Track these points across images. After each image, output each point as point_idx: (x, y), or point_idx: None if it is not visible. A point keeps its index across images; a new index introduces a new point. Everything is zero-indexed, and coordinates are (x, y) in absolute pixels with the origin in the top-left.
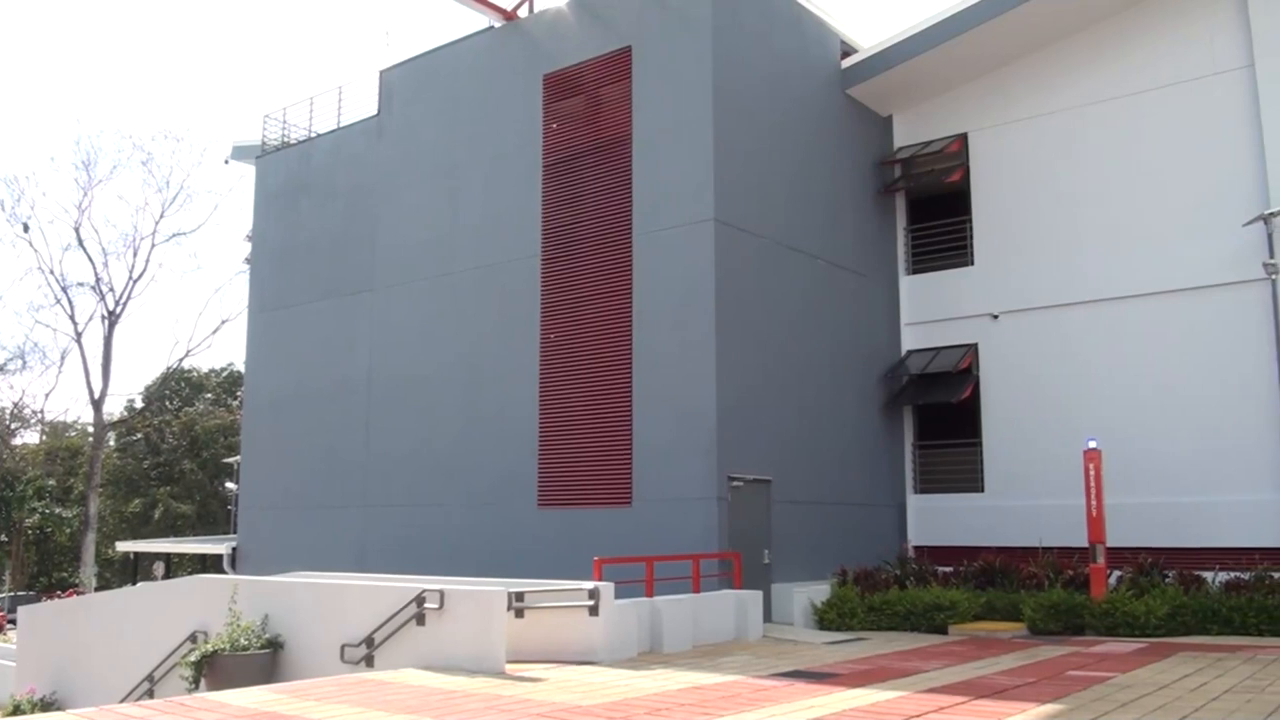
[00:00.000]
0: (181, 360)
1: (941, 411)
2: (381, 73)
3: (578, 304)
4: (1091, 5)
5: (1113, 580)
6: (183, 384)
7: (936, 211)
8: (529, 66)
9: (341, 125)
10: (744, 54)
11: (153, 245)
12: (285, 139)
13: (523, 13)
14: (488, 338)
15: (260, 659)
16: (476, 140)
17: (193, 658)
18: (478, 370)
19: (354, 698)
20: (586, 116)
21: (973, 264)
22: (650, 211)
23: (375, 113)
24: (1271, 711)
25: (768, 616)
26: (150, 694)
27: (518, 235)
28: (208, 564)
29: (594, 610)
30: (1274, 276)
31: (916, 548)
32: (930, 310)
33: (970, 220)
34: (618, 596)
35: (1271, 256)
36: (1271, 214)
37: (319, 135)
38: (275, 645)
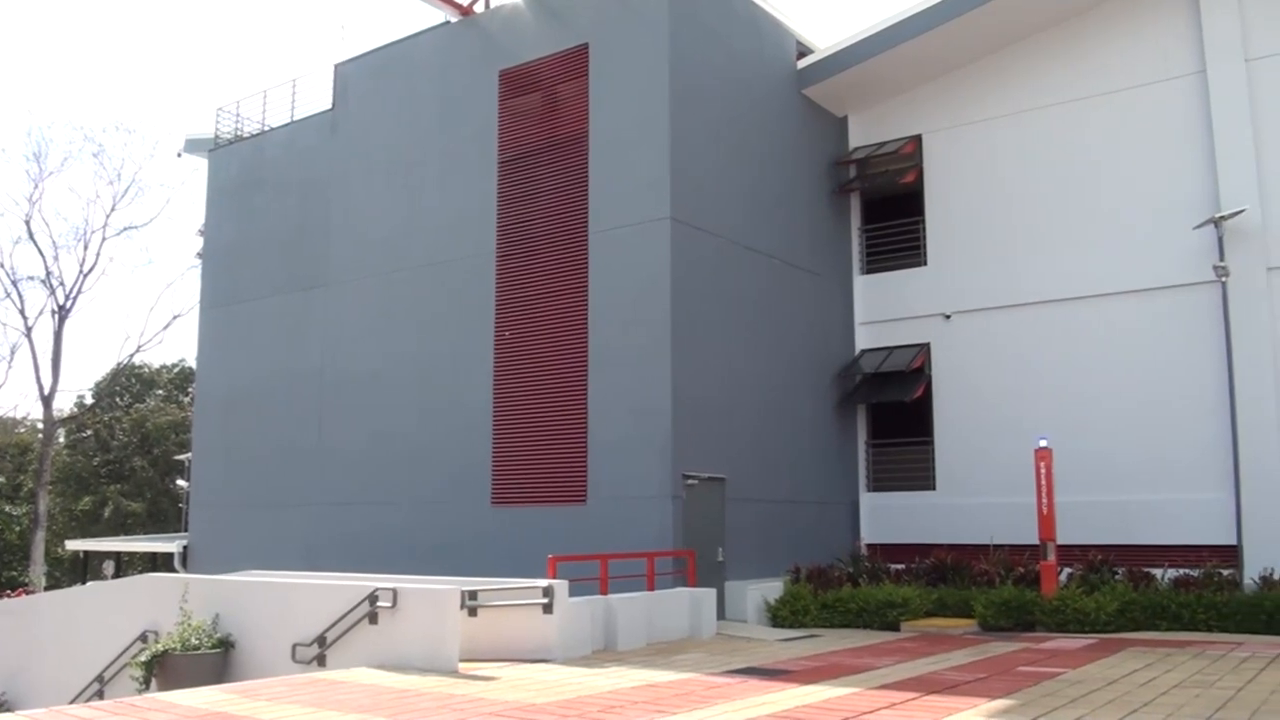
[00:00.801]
0: (132, 356)
1: (894, 410)
2: (336, 66)
3: (533, 301)
4: (1045, 10)
5: (1063, 577)
6: (133, 380)
7: (891, 212)
8: (485, 62)
9: (295, 119)
10: (701, 53)
11: (104, 239)
12: (238, 132)
13: (479, 8)
14: (442, 334)
15: (211, 659)
16: (431, 136)
17: (143, 658)
18: (432, 367)
19: (306, 697)
20: (543, 113)
21: (926, 264)
22: (606, 209)
23: (330, 107)
24: (1220, 706)
25: (722, 614)
26: (100, 694)
27: (473, 232)
28: (158, 563)
29: (548, 608)
30: (1224, 279)
31: (869, 545)
32: (884, 310)
33: (924, 221)
34: (572, 594)
35: (1221, 259)
36: (1222, 218)
37: (273, 129)
38: (226, 645)
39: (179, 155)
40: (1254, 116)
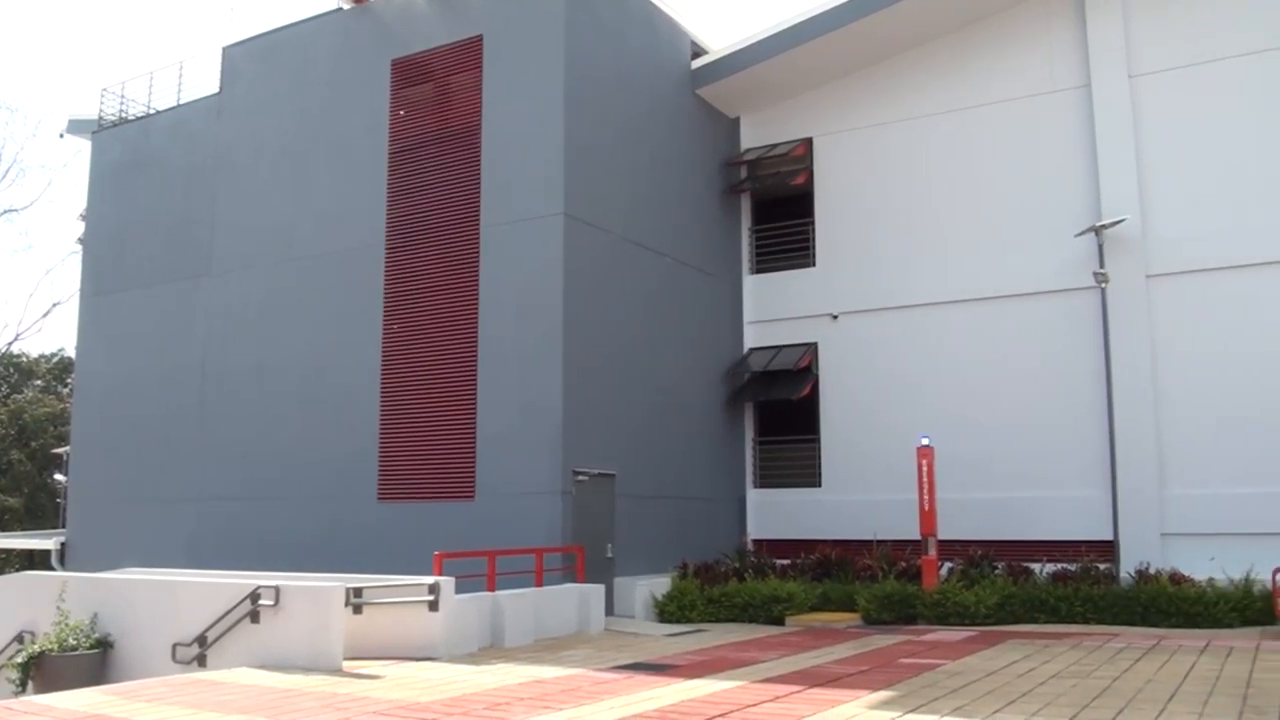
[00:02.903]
0: (10, 344)
1: (782, 408)
2: (224, 49)
3: (423, 295)
4: (934, 21)
5: (944, 571)
6: (11, 369)
7: (781, 213)
8: (377, 50)
9: (182, 102)
10: (596, 49)
11: None
12: (123, 114)
13: None
14: (329, 327)
15: (90, 660)
16: (321, 123)
17: (19, 659)
18: (318, 360)
19: (186, 699)
20: (435, 104)
21: (814, 265)
22: (499, 203)
23: (217, 90)
24: (1096, 696)
25: (610, 610)
26: None
27: (362, 223)
28: (35, 560)
29: (434, 605)
30: (1103, 285)
31: (756, 541)
32: (772, 309)
33: (813, 223)
34: (459, 591)
35: (1101, 266)
36: (1102, 226)
37: (158, 112)
38: (105, 645)
39: (61, 136)
40: (1136, 130)
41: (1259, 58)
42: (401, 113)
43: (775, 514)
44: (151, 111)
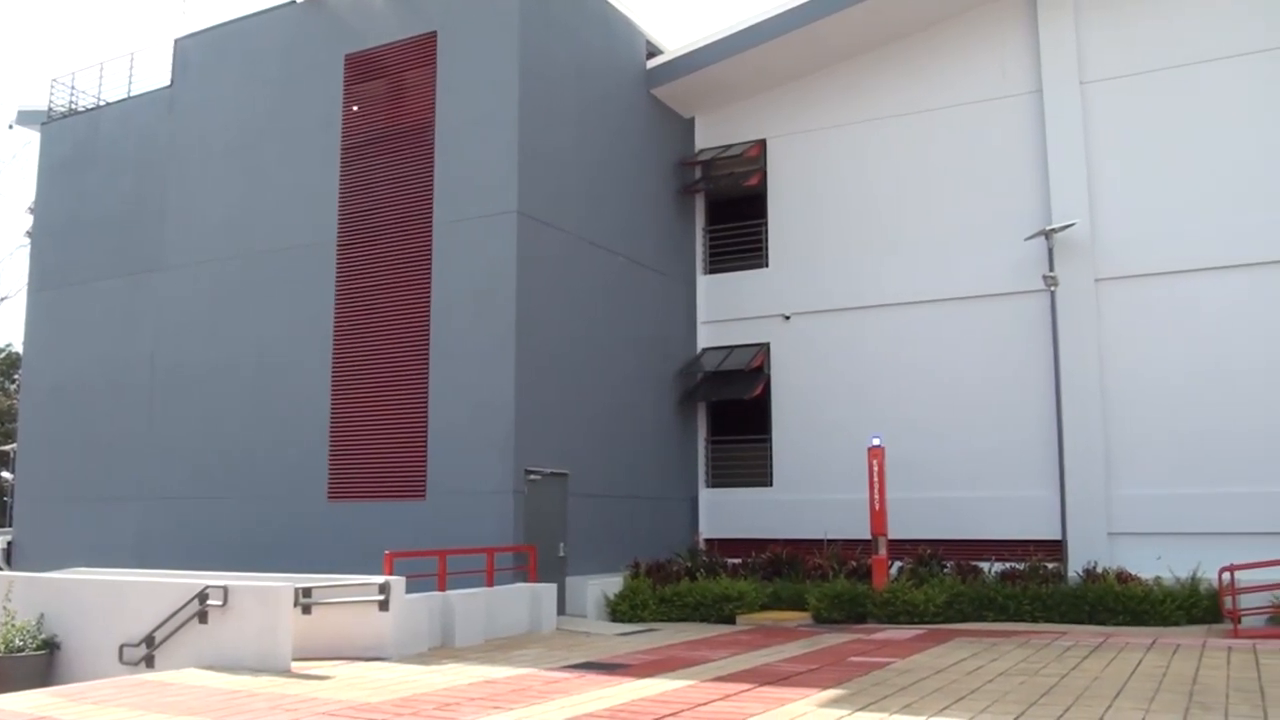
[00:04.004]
0: None
1: (734, 408)
2: (176, 41)
3: (375, 292)
4: (888, 25)
5: (894, 570)
6: None
7: (734, 214)
8: (331, 45)
9: (133, 94)
10: (551, 47)
11: None
12: (73, 106)
13: None
14: (279, 324)
15: (36, 661)
16: (273, 118)
17: None
18: (268, 357)
19: (133, 700)
20: (389, 100)
21: (767, 266)
22: (452, 201)
23: (168, 83)
24: (1044, 693)
25: (562, 609)
26: None
27: (313, 219)
28: None
29: (384, 605)
30: (1053, 288)
31: (708, 540)
32: (726, 309)
33: (766, 224)
34: (409, 591)
35: (1051, 269)
36: (1052, 230)
37: (109, 104)
38: (52, 646)
39: (10, 127)
40: (1086, 136)
41: (1207, 67)
42: (354, 108)
43: (727, 513)
44: (102, 103)
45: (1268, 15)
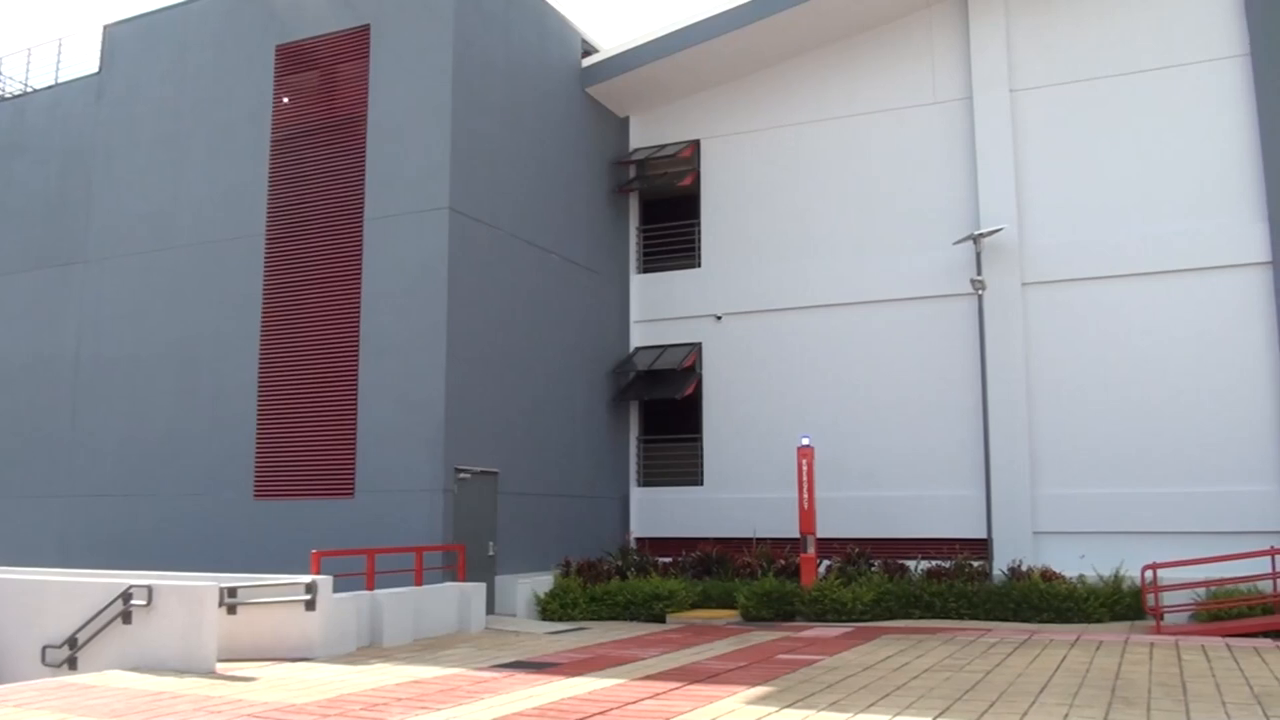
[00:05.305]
0: None
1: (666, 407)
2: (106, 27)
3: (303, 287)
4: (822, 29)
5: (822, 569)
6: None
7: (668, 213)
8: (262, 35)
9: (60, 81)
10: (485, 43)
11: None
12: (0, 92)
13: None
14: (206, 318)
15: None
16: (203, 108)
17: None
18: (194, 352)
19: (56, 703)
20: (320, 93)
21: (700, 266)
22: (383, 196)
23: (97, 70)
24: (969, 688)
25: (491, 608)
26: None
27: (242, 211)
28: None
29: (311, 605)
30: (980, 292)
31: (639, 539)
32: (658, 309)
33: (699, 224)
34: (337, 590)
35: (979, 273)
36: (980, 235)
37: (36, 91)
38: None
39: None
40: (1015, 143)
41: (1132, 78)
42: (285, 100)
43: (658, 512)
44: (28, 90)
45: (1190, 31)
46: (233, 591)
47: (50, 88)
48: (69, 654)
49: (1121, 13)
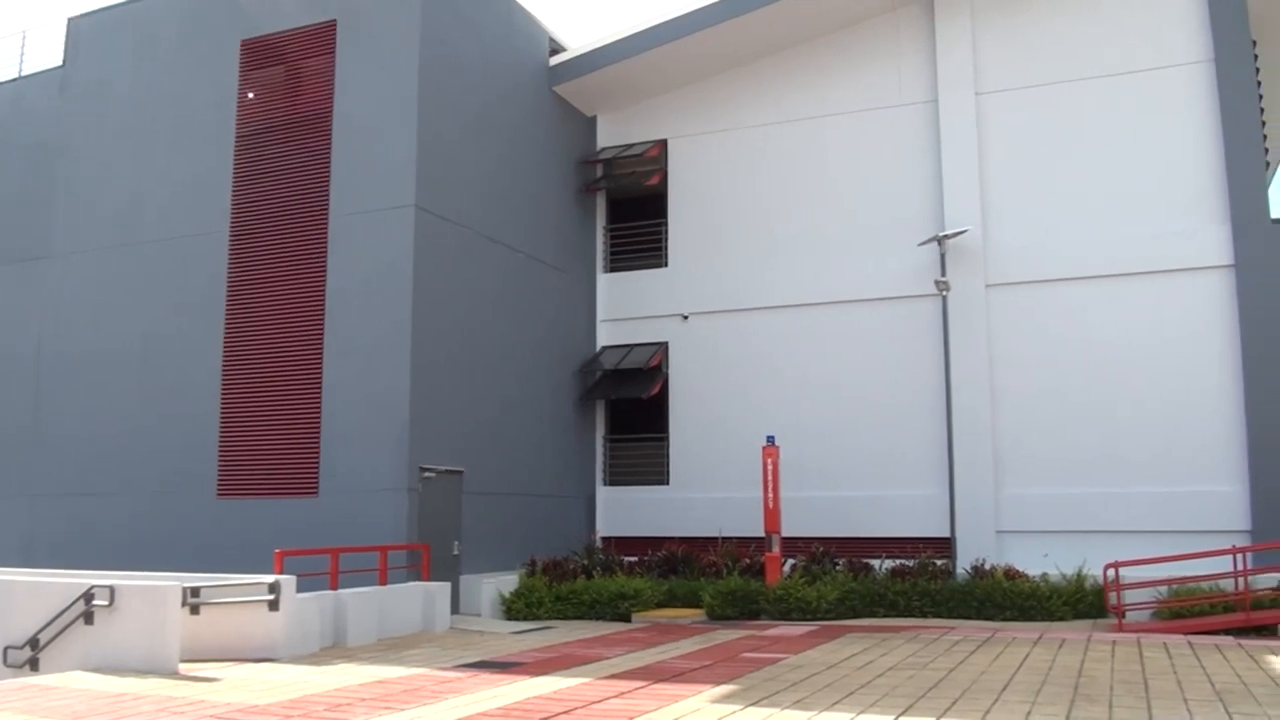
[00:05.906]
0: None
1: (632, 406)
2: (70, 20)
3: (268, 284)
4: (789, 31)
5: (787, 568)
6: None
7: (635, 213)
8: (228, 30)
9: (23, 74)
10: (452, 40)
11: None
12: None
13: None
14: (170, 315)
15: None
16: (167, 103)
17: None
18: (158, 349)
19: (17, 704)
20: (286, 89)
21: (667, 265)
22: (349, 193)
23: (61, 63)
24: (933, 686)
25: (456, 608)
26: None
27: (206, 208)
28: None
29: (274, 605)
30: (944, 293)
31: (605, 538)
32: (625, 308)
33: (666, 223)
34: (300, 590)
35: (943, 275)
36: (945, 236)
37: None
38: None
39: None
40: (980, 145)
41: (1097, 82)
42: (250, 95)
43: (624, 511)
44: None
45: (1154, 36)
46: (196, 591)
47: (13, 80)
48: (30, 655)
49: (1087, 17)
